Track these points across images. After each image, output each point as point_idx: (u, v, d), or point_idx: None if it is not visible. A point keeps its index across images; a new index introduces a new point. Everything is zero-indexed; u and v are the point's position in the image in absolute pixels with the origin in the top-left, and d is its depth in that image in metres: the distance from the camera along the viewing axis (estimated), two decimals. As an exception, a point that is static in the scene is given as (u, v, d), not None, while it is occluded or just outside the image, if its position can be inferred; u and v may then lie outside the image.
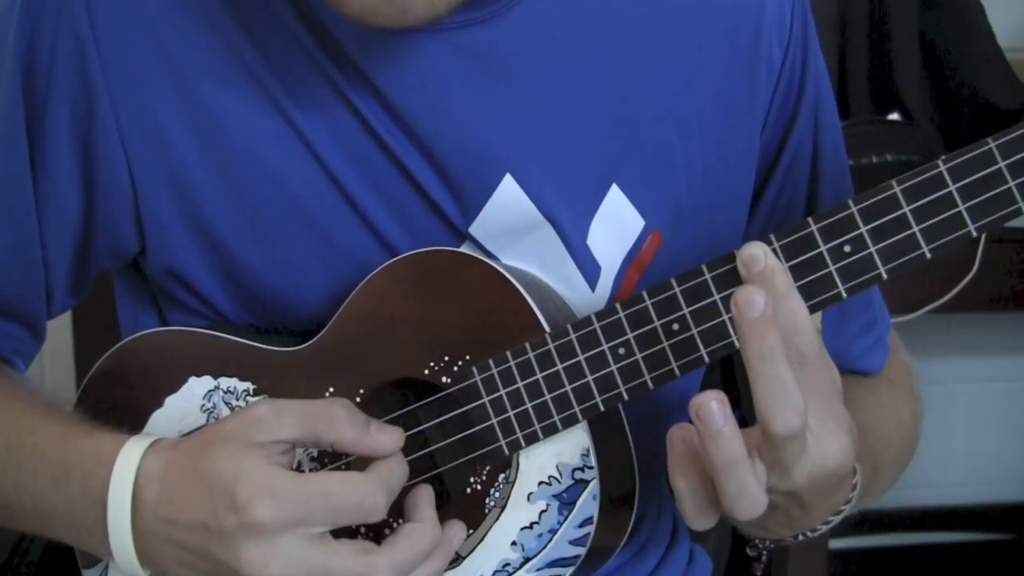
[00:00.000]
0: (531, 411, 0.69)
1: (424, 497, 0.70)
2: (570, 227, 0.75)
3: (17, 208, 0.76)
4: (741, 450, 0.60)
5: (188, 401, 0.76)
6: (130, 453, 0.68)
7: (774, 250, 0.64)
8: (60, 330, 1.69)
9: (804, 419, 0.60)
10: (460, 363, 0.71)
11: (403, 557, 0.66)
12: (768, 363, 0.59)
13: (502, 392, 0.70)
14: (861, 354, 0.87)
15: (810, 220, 0.64)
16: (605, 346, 0.68)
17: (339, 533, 0.67)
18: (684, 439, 0.63)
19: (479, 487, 0.72)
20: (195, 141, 0.74)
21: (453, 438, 0.72)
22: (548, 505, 0.70)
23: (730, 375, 1.07)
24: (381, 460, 0.68)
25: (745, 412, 0.78)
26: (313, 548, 0.64)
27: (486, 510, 0.71)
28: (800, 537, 0.73)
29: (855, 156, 1.54)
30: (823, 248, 0.63)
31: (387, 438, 0.69)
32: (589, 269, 0.76)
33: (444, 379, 0.71)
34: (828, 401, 0.64)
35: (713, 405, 0.59)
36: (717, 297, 0.65)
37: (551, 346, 0.69)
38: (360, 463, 0.71)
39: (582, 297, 0.77)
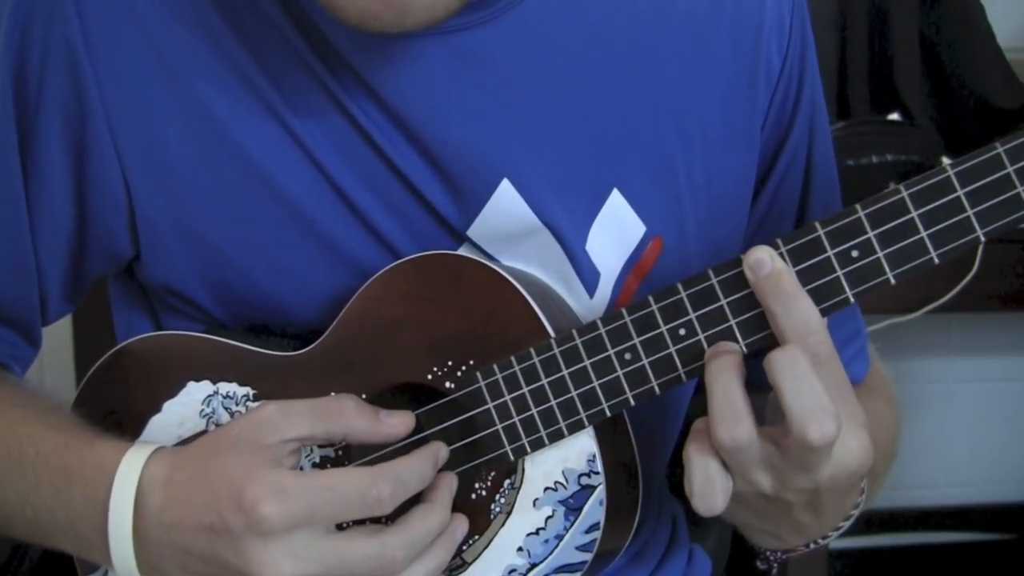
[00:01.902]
0: (536, 417, 0.69)
1: (445, 483, 0.70)
2: (568, 232, 0.75)
3: (9, 215, 0.75)
4: (738, 359, 0.62)
5: (187, 406, 0.76)
6: (133, 460, 0.68)
7: (781, 254, 0.63)
8: (60, 331, 1.69)
9: (839, 423, 0.60)
10: (464, 368, 0.70)
11: (413, 535, 0.66)
12: (794, 364, 0.60)
13: (507, 398, 0.69)
14: (847, 363, 0.86)
15: (817, 224, 0.63)
16: (611, 351, 0.67)
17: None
18: (707, 421, 0.63)
19: (484, 493, 0.71)
20: (189, 145, 0.73)
21: (458, 444, 0.71)
22: (554, 511, 0.70)
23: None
24: (401, 457, 0.68)
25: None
26: (323, 541, 0.64)
27: (492, 516, 0.71)
28: (811, 545, 0.72)
29: (855, 156, 1.54)
30: (830, 253, 0.63)
31: (398, 421, 0.70)
32: (588, 275, 0.76)
33: (447, 384, 0.71)
34: (845, 399, 0.63)
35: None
36: (724, 302, 0.65)
37: (556, 351, 0.68)
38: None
39: (580, 303, 0.76)
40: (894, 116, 1.63)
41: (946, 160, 1.54)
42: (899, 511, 2.11)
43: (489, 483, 0.71)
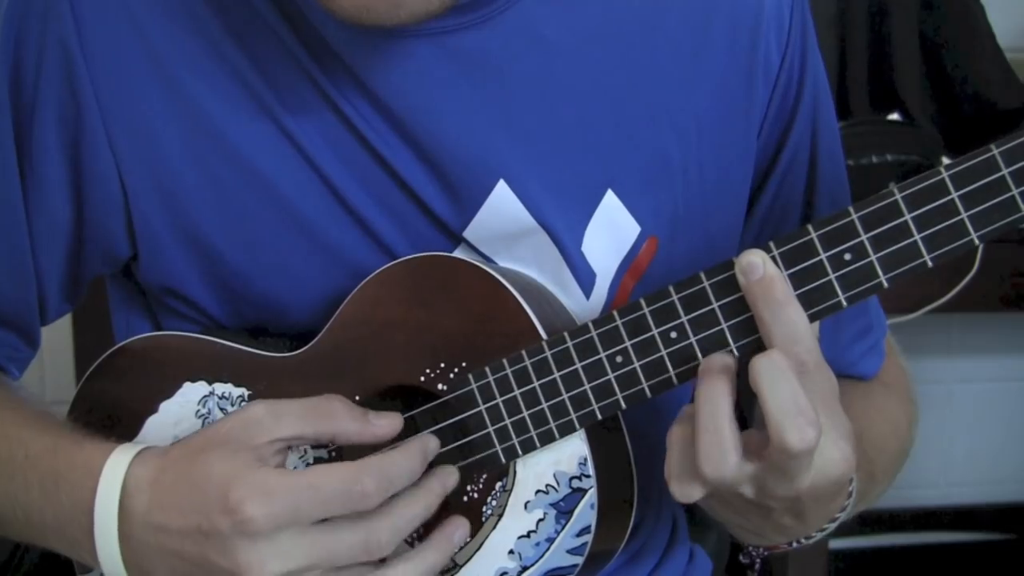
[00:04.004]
0: (528, 419, 0.69)
1: (437, 473, 0.70)
2: (564, 233, 0.75)
3: (7, 217, 0.75)
4: (728, 388, 0.61)
5: (183, 406, 0.76)
6: (118, 462, 0.67)
7: (773, 257, 0.63)
8: (60, 331, 1.68)
9: (819, 430, 0.60)
10: (456, 370, 0.70)
11: (397, 519, 0.67)
12: (776, 368, 0.60)
13: (498, 400, 0.69)
14: (855, 360, 0.86)
15: (810, 227, 0.63)
16: (602, 354, 0.67)
17: None
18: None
19: (476, 495, 0.71)
20: (184, 145, 0.73)
21: (450, 445, 0.71)
22: (545, 514, 0.70)
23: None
24: (383, 451, 0.68)
25: (744, 411, 0.77)
26: (309, 536, 0.64)
27: (483, 518, 0.71)
28: (794, 544, 0.72)
29: (855, 156, 1.53)
30: (823, 256, 0.63)
31: (387, 422, 0.69)
32: (584, 276, 0.76)
33: (440, 386, 0.70)
34: (829, 409, 0.63)
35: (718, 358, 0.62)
36: (715, 305, 0.64)
37: (548, 354, 0.68)
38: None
39: (577, 304, 0.76)
40: (894, 116, 1.62)
41: (946, 160, 1.54)
42: (899, 511, 2.11)
43: (481, 485, 0.71)
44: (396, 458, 0.68)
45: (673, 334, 0.65)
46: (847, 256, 0.62)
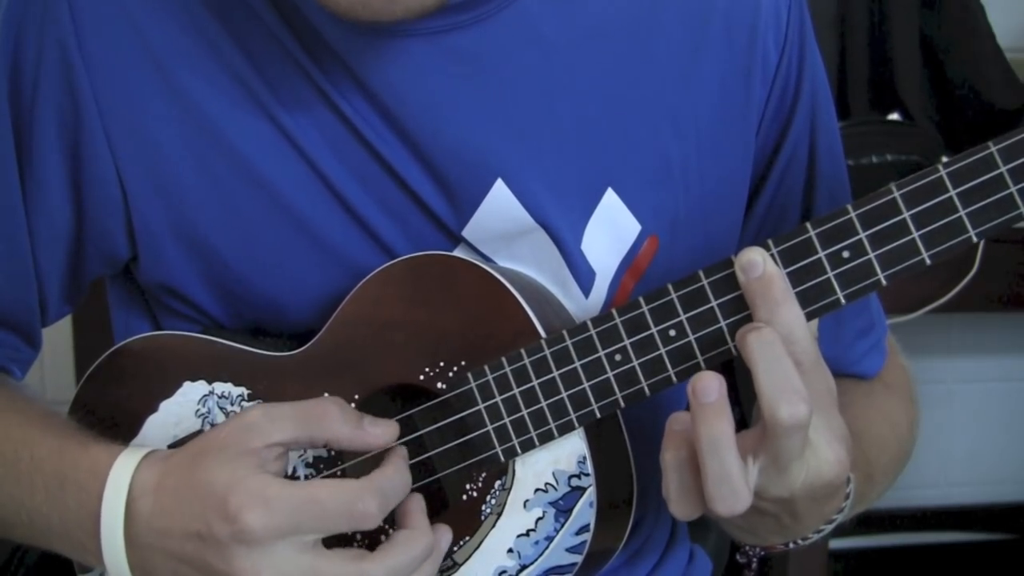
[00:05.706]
0: (527, 418, 0.69)
1: (415, 505, 0.70)
2: (564, 232, 0.75)
3: (7, 218, 0.75)
4: (729, 430, 0.60)
5: (183, 406, 0.76)
6: (124, 465, 0.67)
7: (772, 255, 0.63)
8: (60, 332, 1.69)
9: (811, 408, 0.60)
10: (455, 369, 0.70)
11: (396, 562, 0.66)
12: (769, 346, 0.60)
13: (498, 399, 0.69)
14: (857, 359, 0.86)
15: (808, 225, 0.63)
16: (601, 352, 0.67)
17: (336, 542, 0.67)
18: (682, 420, 0.63)
19: (475, 494, 0.71)
20: (183, 146, 0.73)
21: (449, 444, 0.71)
22: (544, 512, 0.70)
23: (729, 377, 1.06)
24: (377, 468, 0.68)
25: (744, 411, 0.77)
26: (305, 556, 0.64)
27: (482, 517, 0.71)
28: (791, 545, 0.72)
29: (855, 156, 1.54)
30: (821, 254, 0.63)
31: (381, 430, 0.69)
32: (583, 275, 0.76)
33: (439, 385, 0.71)
34: (825, 411, 0.63)
35: (710, 378, 0.60)
36: (714, 303, 0.65)
37: (547, 352, 0.68)
38: (356, 472, 0.70)
39: (576, 303, 0.76)
40: (894, 116, 1.63)
41: (946, 160, 1.54)
42: (899, 511, 2.11)
43: (480, 484, 0.71)
44: (392, 475, 0.68)
45: (672, 332, 0.66)
46: (845, 254, 0.62)
